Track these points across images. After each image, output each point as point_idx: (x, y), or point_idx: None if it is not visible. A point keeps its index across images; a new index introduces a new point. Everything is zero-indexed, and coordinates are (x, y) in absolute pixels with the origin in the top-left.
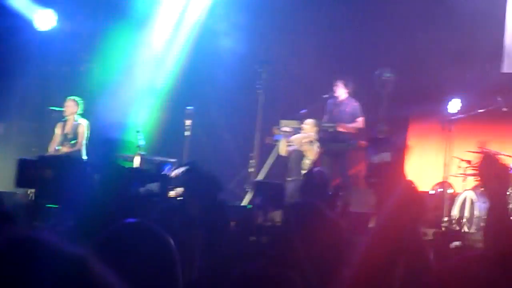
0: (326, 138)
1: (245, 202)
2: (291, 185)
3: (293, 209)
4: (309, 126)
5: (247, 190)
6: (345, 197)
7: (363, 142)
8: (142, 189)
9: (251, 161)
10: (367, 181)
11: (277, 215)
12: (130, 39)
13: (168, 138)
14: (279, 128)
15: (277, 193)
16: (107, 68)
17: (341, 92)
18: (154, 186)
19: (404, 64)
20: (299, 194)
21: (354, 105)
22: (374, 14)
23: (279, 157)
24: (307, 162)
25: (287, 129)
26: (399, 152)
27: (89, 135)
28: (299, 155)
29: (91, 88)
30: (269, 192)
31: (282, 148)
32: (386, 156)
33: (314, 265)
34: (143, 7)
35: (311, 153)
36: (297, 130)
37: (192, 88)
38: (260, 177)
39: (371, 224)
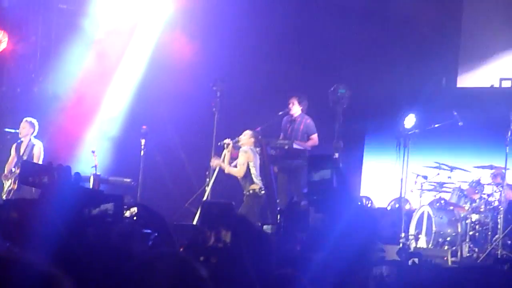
0: (282, 155)
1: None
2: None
3: (241, 230)
4: (245, 137)
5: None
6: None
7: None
8: (95, 210)
9: (207, 179)
10: (307, 199)
11: (227, 236)
12: (83, 58)
13: (123, 157)
14: (220, 143)
15: (226, 212)
16: (61, 88)
17: (295, 109)
18: (109, 206)
19: (359, 80)
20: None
21: (308, 122)
22: (327, 30)
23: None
24: (254, 172)
25: (227, 141)
26: (341, 169)
27: (43, 156)
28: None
29: (45, 109)
30: (217, 212)
31: (225, 161)
32: (326, 174)
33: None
34: (93, 26)
35: (250, 158)
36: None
37: (146, 106)
38: (209, 192)
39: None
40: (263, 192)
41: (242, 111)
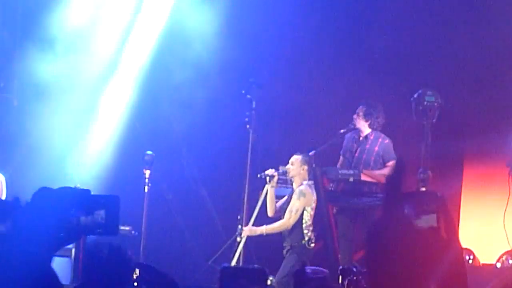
0: (345, 191)
1: None
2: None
3: None
4: (295, 165)
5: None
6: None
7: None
8: (83, 219)
9: (239, 227)
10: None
11: None
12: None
13: (120, 195)
14: (260, 175)
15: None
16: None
17: (362, 124)
18: (102, 214)
19: (454, 83)
20: None
21: (385, 142)
22: (404, 16)
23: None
24: (307, 221)
25: (270, 172)
26: (449, 211)
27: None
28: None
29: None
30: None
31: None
32: (431, 219)
33: None
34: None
35: (308, 202)
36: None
37: (151, 122)
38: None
39: None
40: (313, 245)
41: (287, 128)
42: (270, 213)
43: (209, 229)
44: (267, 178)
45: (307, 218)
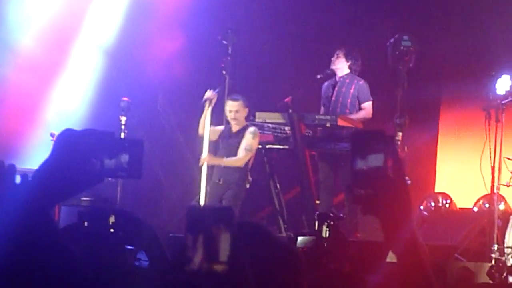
0: (323, 137)
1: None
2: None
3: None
4: (240, 110)
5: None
6: (350, 220)
7: None
8: (107, 161)
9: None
10: (351, 193)
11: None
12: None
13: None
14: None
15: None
16: None
17: (341, 65)
18: (126, 158)
19: (431, 27)
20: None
21: (360, 83)
22: None
23: None
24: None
25: (209, 94)
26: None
27: None
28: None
29: None
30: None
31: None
32: (377, 159)
33: None
34: None
35: (256, 142)
36: (277, 126)
37: (127, 70)
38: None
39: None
40: (248, 186)
41: (264, 74)
42: (206, 132)
43: (186, 175)
44: (206, 103)
45: (251, 160)
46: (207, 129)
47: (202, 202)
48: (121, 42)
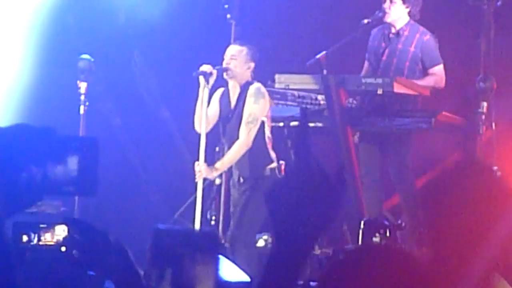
0: (370, 109)
1: None
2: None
3: None
4: (239, 59)
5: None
6: (413, 231)
7: (449, 115)
8: (48, 171)
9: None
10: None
11: None
12: None
13: (47, 118)
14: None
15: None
16: None
17: (397, 11)
18: (74, 164)
19: None
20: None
21: (424, 39)
22: None
23: None
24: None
25: (205, 68)
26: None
27: None
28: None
29: None
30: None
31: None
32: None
33: None
34: None
35: (264, 105)
36: (306, 95)
37: (89, 20)
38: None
39: None
40: (283, 172)
41: (285, 20)
42: (202, 126)
43: (174, 168)
44: (201, 77)
45: (268, 130)
46: (203, 121)
47: (196, 224)
48: None
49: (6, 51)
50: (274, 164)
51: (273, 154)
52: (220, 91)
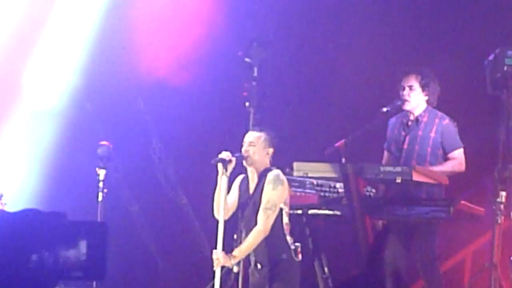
0: (391, 198)
1: None
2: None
3: None
4: (258, 145)
5: None
6: None
7: (467, 205)
8: (59, 256)
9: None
10: None
11: None
12: None
13: (65, 206)
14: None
15: None
16: None
17: (417, 99)
18: (83, 249)
19: None
20: None
21: (443, 123)
22: None
23: None
24: (286, 222)
25: (225, 155)
26: None
27: None
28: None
29: None
30: None
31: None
32: None
33: None
34: None
35: (282, 192)
36: (325, 183)
37: (108, 106)
38: None
39: None
40: (300, 256)
41: (302, 107)
42: (220, 214)
43: (192, 255)
44: (220, 165)
45: (286, 217)
46: (221, 208)
47: None
48: (98, 61)
49: (28, 134)
50: (291, 248)
51: (290, 239)
52: (240, 178)
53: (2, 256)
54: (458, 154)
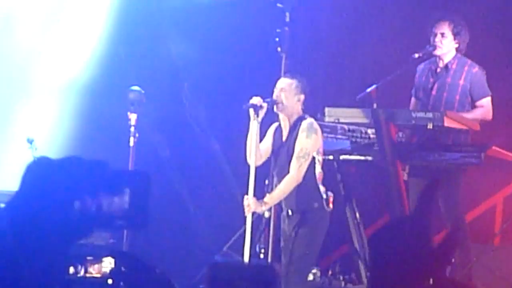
0: (420, 144)
1: None
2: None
3: None
4: (289, 92)
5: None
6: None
7: (499, 151)
8: (100, 205)
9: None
10: None
11: None
12: None
13: (93, 148)
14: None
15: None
16: None
17: (448, 46)
18: (125, 199)
19: None
20: None
21: (473, 71)
22: None
23: None
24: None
25: (256, 100)
26: None
27: None
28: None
29: None
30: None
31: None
32: None
33: None
34: None
35: (315, 141)
36: (356, 129)
37: (140, 52)
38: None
39: None
40: (331, 206)
41: (336, 52)
42: (252, 159)
43: (223, 201)
44: (251, 110)
45: (319, 166)
46: (253, 154)
47: (246, 257)
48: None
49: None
50: (323, 197)
51: (322, 188)
52: (274, 125)
53: (45, 202)
54: (486, 102)
